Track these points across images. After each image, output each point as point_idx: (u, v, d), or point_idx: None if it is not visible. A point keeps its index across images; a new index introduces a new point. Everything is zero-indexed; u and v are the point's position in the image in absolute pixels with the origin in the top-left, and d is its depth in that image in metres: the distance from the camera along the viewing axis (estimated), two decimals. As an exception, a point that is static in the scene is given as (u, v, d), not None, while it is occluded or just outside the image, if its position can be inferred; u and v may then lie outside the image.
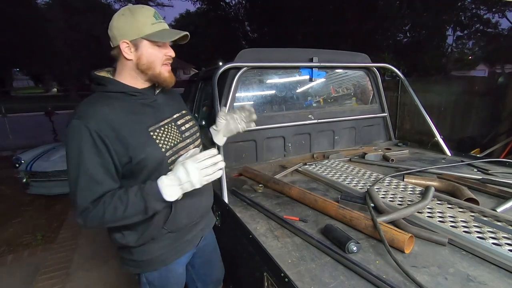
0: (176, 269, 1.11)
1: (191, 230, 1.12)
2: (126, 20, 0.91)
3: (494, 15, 12.05)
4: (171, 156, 0.98)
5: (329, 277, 0.89)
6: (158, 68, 0.96)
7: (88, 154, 0.84)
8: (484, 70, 20.33)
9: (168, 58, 0.98)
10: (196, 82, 2.81)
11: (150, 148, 0.92)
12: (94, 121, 0.85)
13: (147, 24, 0.91)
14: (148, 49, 0.93)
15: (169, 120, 1.02)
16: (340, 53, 2.43)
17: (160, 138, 0.96)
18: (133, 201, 0.85)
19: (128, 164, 0.91)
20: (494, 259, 0.92)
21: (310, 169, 1.88)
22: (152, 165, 0.93)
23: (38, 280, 2.33)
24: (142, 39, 0.91)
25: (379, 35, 11.22)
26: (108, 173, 0.88)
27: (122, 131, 0.88)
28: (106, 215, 0.84)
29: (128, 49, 0.92)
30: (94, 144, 0.85)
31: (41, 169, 3.80)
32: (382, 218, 1.12)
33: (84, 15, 8.19)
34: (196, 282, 1.31)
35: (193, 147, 1.07)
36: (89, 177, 0.85)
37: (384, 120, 2.67)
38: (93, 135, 0.84)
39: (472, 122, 4.68)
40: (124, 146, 0.88)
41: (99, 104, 0.90)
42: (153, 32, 0.91)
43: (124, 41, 0.91)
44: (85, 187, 0.85)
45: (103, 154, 0.86)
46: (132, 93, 0.96)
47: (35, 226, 3.28)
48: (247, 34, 13.71)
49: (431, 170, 1.78)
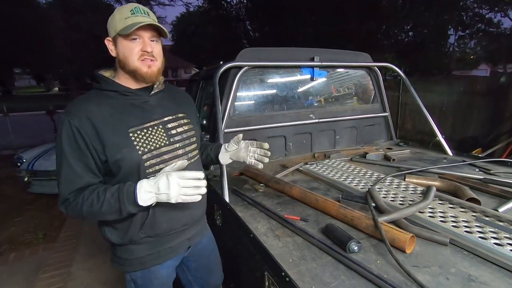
0: (159, 272, 1.09)
1: (175, 238, 1.09)
2: (110, 19, 0.95)
3: (496, 14, 12.01)
4: (150, 160, 0.96)
5: (330, 276, 0.89)
6: (133, 63, 0.94)
7: (69, 148, 0.89)
8: (486, 69, 20.26)
9: (145, 53, 0.94)
10: (197, 81, 2.81)
11: (126, 149, 0.92)
12: (77, 117, 0.89)
13: (122, 19, 0.92)
14: (122, 44, 0.94)
15: (156, 123, 1.00)
16: (341, 53, 2.42)
17: (139, 140, 0.95)
18: (108, 199, 0.88)
19: (105, 163, 0.93)
20: (495, 259, 0.92)
21: (311, 169, 1.87)
22: (128, 167, 0.93)
23: (40, 279, 2.33)
24: (118, 35, 0.93)
25: (381, 34, 11.19)
26: (87, 168, 0.91)
27: (102, 130, 0.90)
28: (83, 208, 0.88)
29: (113, 47, 0.96)
30: (74, 139, 0.89)
31: (42, 168, 3.81)
32: (383, 217, 1.12)
33: (85, 15, 8.20)
34: (193, 285, 1.29)
35: (182, 152, 1.05)
36: (69, 170, 0.89)
37: (385, 119, 2.66)
38: (73, 131, 0.88)
39: (474, 122, 4.66)
40: (102, 144, 0.91)
41: (86, 101, 0.93)
42: (124, 26, 0.91)
43: (107, 39, 0.96)
44: (66, 179, 0.90)
45: (83, 150, 0.90)
46: (124, 92, 0.97)
47: (37, 225, 3.30)
48: (248, 34, 13.70)
49: (432, 170, 1.78)
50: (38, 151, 4.20)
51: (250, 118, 2.09)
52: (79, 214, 0.90)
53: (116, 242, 1.01)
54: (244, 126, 2.01)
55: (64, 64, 9.53)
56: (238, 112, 2.09)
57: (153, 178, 0.90)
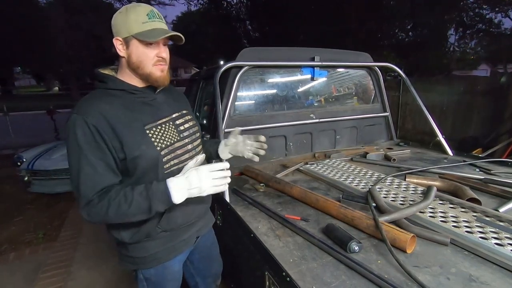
0: (172, 267, 1.11)
1: (187, 230, 1.11)
2: (121, 18, 0.92)
3: (497, 15, 12.01)
4: (167, 155, 0.98)
5: (331, 276, 0.89)
6: (148, 68, 0.94)
7: (88, 147, 0.86)
8: (486, 69, 20.25)
9: (160, 59, 0.95)
10: (197, 81, 2.81)
11: (145, 146, 0.92)
12: (92, 116, 0.86)
13: (138, 22, 0.90)
14: (138, 48, 0.93)
15: (167, 119, 1.02)
16: (342, 52, 2.42)
17: (156, 137, 0.96)
18: (137, 199, 0.86)
19: (123, 161, 0.92)
20: (496, 259, 0.92)
21: (311, 169, 1.87)
22: (146, 163, 0.93)
23: (40, 278, 2.33)
24: (132, 38, 0.92)
25: (381, 34, 11.19)
26: (108, 167, 0.89)
27: (118, 128, 0.89)
28: (110, 211, 0.85)
29: (121, 46, 0.94)
30: (93, 138, 0.86)
31: (42, 168, 3.81)
32: (384, 217, 1.12)
33: (85, 14, 8.19)
34: (195, 277, 1.31)
35: (191, 147, 1.07)
36: (91, 169, 0.86)
37: (386, 119, 2.66)
38: (91, 129, 0.86)
39: (474, 122, 4.67)
40: (120, 142, 0.89)
41: (98, 100, 0.91)
42: (142, 31, 0.90)
43: (117, 38, 0.93)
44: (87, 179, 0.86)
45: (103, 148, 0.87)
46: (131, 91, 0.97)
47: (37, 225, 3.29)
48: (248, 33, 13.68)
49: (433, 170, 1.78)
50: (38, 151, 4.20)
51: (250, 117, 2.09)
52: (103, 217, 0.86)
53: (129, 240, 1.00)
54: (244, 125, 2.01)
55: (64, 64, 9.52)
56: (238, 112, 2.09)
57: (181, 175, 0.91)
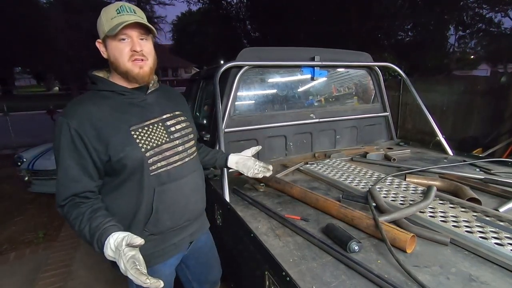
0: (161, 271, 1.09)
1: (178, 234, 1.09)
2: (98, 21, 0.94)
3: (497, 14, 12.00)
4: (152, 157, 0.97)
5: (331, 276, 0.89)
6: (125, 64, 0.93)
7: (67, 152, 0.87)
8: (486, 69, 20.23)
9: (135, 53, 0.93)
10: (197, 81, 2.81)
11: (129, 148, 0.92)
12: (76, 120, 0.87)
13: (108, 20, 0.91)
14: (112, 45, 0.92)
15: (156, 120, 1.01)
16: (342, 52, 2.42)
17: (141, 138, 0.95)
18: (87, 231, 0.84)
19: (108, 163, 0.92)
20: (496, 259, 0.92)
21: (311, 168, 1.87)
22: (131, 165, 0.93)
23: (40, 278, 2.33)
24: (106, 37, 0.92)
25: (381, 34, 11.19)
26: (85, 172, 0.90)
27: (103, 130, 0.89)
28: (73, 225, 0.87)
29: (104, 49, 0.95)
30: (73, 141, 0.87)
31: (42, 168, 3.81)
32: (384, 217, 1.12)
33: (85, 14, 8.20)
34: (192, 282, 1.30)
35: (182, 149, 1.06)
36: (66, 174, 0.88)
37: (386, 119, 2.66)
38: (72, 133, 0.86)
39: (474, 122, 4.66)
40: (104, 144, 0.90)
41: (86, 102, 0.92)
42: (111, 27, 0.90)
43: (98, 41, 0.95)
44: (62, 184, 0.88)
45: (81, 153, 0.88)
46: (121, 92, 0.97)
47: (37, 224, 3.30)
48: (248, 33, 13.69)
49: (433, 169, 1.77)
50: (39, 151, 4.19)
51: (250, 117, 2.09)
52: (69, 223, 0.90)
53: None
54: (244, 125, 2.01)
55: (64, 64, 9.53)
56: (238, 111, 2.08)
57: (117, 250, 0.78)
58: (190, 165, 1.10)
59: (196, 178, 1.14)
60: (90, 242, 0.85)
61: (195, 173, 1.13)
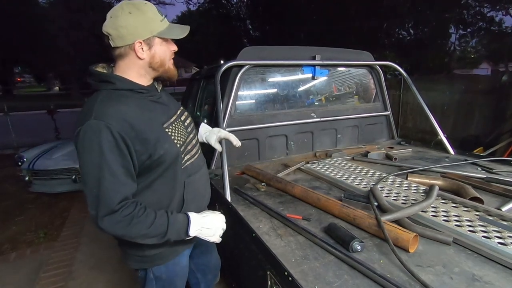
0: (182, 261, 1.13)
1: None
2: (137, 19, 0.88)
3: (498, 13, 11.95)
4: (184, 151, 1.02)
5: (333, 276, 0.89)
6: (167, 63, 0.99)
7: (112, 155, 0.83)
8: (487, 68, 20.18)
9: (173, 54, 1.01)
10: (198, 80, 2.80)
11: (167, 144, 0.95)
12: (115, 121, 0.83)
13: (157, 21, 0.92)
14: (161, 47, 0.95)
15: (176, 117, 1.05)
16: (342, 51, 2.41)
17: (173, 134, 0.99)
18: (158, 221, 0.89)
19: (147, 161, 0.91)
20: (499, 258, 0.92)
21: (312, 168, 1.87)
22: (170, 161, 0.96)
23: (41, 278, 2.33)
24: (154, 37, 0.92)
25: (382, 33, 11.16)
26: (129, 174, 0.88)
27: (140, 129, 0.88)
28: (132, 227, 0.85)
29: (145, 48, 0.92)
30: (117, 144, 0.83)
31: (43, 167, 3.81)
32: (386, 217, 1.11)
33: (86, 13, 8.20)
34: (196, 272, 1.32)
35: (195, 141, 1.13)
36: (114, 178, 0.83)
37: (387, 118, 2.65)
38: (115, 135, 0.83)
39: (475, 121, 4.65)
40: (144, 144, 0.89)
41: (114, 102, 0.88)
42: (164, 29, 0.93)
43: (138, 41, 0.90)
44: (110, 188, 0.83)
45: (125, 155, 0.86)
46: (140, 90, 0.96)
47: (38, 224, 3.30)
48: (248, 32, 13.68)
49: (434, 168, 1.77)
50: (39, 150, 4.19)
51: (251, 117, 2.08)
52: (124, 231, 0.86)
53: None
54: (245, 125, 2.01)
55: (65, 63, 9.54)
56: (239, 111, 2.08)
57: (201, 214, 1.00)
58: (202, 156, 1.18)
59: (206, 169, 1.22)
60: (164, 231, 0.90)
61: (205, 163, 1.21)
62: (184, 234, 0.94)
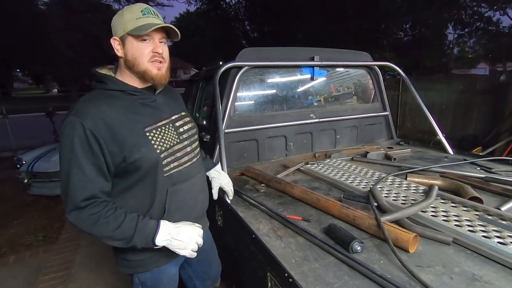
0: (169, 270, 1.10)
1: None
2: (118, 18, 0.93)
3: (495, 13, 12.01)
4: (166, 158, 0.97)
5: (333, 277, 0.88)
6: (144, 64, 0.94)
7: (81, 152, 0.84)
8: (485, 68, 20.26)
9: (156, 55, 0.95)
10: (197, 81, 2.80)
11: (145, 149, 0.92)
12: (91, 120, 0.85)
13: (132, 19, 0.91)
14: (133, 44, 0.93)
15: (167, 121, 1.02)
16: (341, 52, 2.42)
17: (156, 139, 0.95)
18: (125, 225, 0.87)
19: (122, 164, 0.91)
20: (499, 258, 0.92)
21: (312, 168, 1.87)
22: (146, 166, 0.93)
23: (40, 281, 2.33)
24: (127, 35, 0.92)
25: (380, 33, 11.19)
26: (100, 172, 0.88)
27: (118, 131, 0.88)
28: (97, 226, 0.85)
29: (119, 46, 0.94)
30: (88, 142, 0.85)
31: (42, 170, 3.80)
32: (386, 217, 1.11)
33: (84, 15, 8.19)
34: (194, 280, 1.31)
35: (190, 149, 1.08)
36: (81, 174, 0.85)
37: (386, 118, 2.65)
38: (87, 134, 0.84)
39: (474, 121, 4.67)
40: (119, 146, 0.88)
41: (98, 102, 0.90)
42: (136, 26, 0.91)
43: (114, 38, 0.94)
44: (77, 184, 0.85)
45: (96, 154, 0.86)
46: (131, 92, 0.96)
47: (37, 227, 3.29)
48: (247, 34, 13.69)
49: (434, 168, 1.77)
50: (38, 153, 4.19)
51: (250, 118, 2.08)
52: (89, 229, 0.86)
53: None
54: (244, 126, 2.01)
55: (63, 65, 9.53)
56: (238, 112, 2.08)
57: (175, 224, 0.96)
58: (197, 165, 1.13)
59: (202, 178, 1.17)
60: (130, 236, 0.88)
61: (201, 173, 1.16)
62: (151, 243, 0.91)
